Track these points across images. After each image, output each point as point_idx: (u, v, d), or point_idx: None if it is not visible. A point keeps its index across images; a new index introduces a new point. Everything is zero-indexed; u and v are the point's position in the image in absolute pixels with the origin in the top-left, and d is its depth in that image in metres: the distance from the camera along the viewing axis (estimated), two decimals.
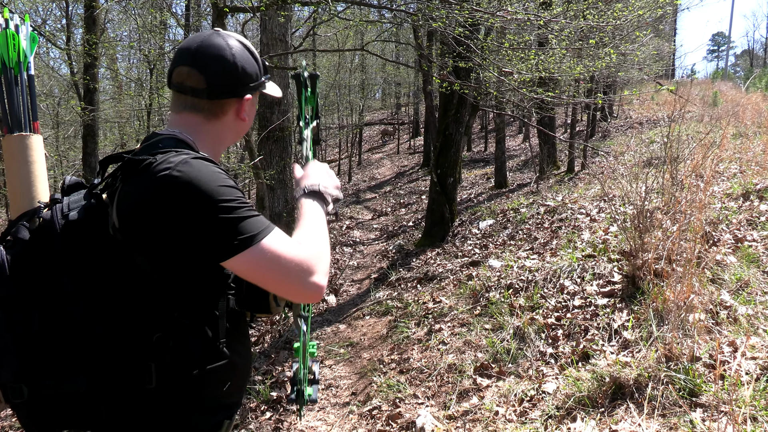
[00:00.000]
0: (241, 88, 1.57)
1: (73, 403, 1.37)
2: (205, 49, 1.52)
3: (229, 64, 1.53)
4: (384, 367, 5.05)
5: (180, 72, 1.52)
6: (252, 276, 1.36)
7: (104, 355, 1.36)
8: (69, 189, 1.52)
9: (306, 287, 1.36)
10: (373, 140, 36.08)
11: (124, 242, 1.35)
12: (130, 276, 1.37)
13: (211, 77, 1.51)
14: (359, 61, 26.20)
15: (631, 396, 3.23)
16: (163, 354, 1.38)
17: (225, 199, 1.33)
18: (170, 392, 1.41)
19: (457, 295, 5.99)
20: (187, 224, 1.32)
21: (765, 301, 3.84)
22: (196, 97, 1.53)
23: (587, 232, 6.29)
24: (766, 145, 8.75)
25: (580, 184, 11.06)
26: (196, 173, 1.34)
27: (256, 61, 1.62)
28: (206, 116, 1.56)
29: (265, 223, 1.37)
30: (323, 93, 23.73)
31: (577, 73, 7.92)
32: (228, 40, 1.55)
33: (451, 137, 9.54)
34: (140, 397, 1.38)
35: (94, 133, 10.30)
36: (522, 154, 19.47)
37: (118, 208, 1.34)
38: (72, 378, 1.35)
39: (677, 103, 8.69)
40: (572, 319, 4.42)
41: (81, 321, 1.35)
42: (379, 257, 10.11)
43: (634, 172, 5.99)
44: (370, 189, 20.70)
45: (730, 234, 5.10)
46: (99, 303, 1.36)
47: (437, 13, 6.48)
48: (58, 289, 1.37)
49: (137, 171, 1.36)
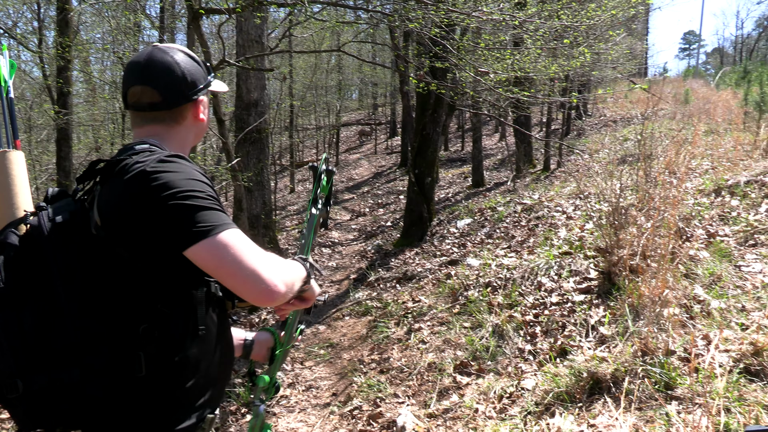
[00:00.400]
0: (192, 92, 1.66)
1: (66, 396, 1.42)
2: (152, 65, 1.62)
3: (177, 74, 1.63)
4: (364, 367, 5.06)
5: (134, 92, 1.62)
6: (208, 267, 1.41)
7: (96, 348, 1.42)
8: (53, 198, 1.59)
9: (257, 284, 1.40)
10: (351, 141, 36.04)
11: (106, 238, 1.43)
12: (116, 271, 1.45)
13: (164, 89, 1.61)
14: (336, 61, 26.18)
15: (608, 390, 3.28)
16: (149, 344, 1.45)
17: (191, 190, 1.41)
18: (158, 380, 1.47)
19: (436, 294, 6.03)
20: (155, 216, 1.39)
21: (737, 294, 3.92)
22: (156, 110, 1.63)
23: (564, 230, 6.36)
24: (736, 141, 8.92)
25: (556, 182, 11.17)
26: (167, 168, 1.43)
27: (199, 65, 1.72)
28: (168, 124, 1.66)
29: (228, 219, 1.44)
30: (300, 94, 23.66)
31: (552, 72, 7.99)
32: (171, 53, 1.65)
33: (428, 137, 9.57)
34: (131, 385, 1.45)
35: (68, 137, 10.18)
36: (498, 153, 19.59)
37: (98, 207, 1.44)
38: (66, 371, 1.40)
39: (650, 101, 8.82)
40: (550, 316, 4.47)
41: (73, 317, 1.42)
42: (358, 258, 10.12)
43: (609, 169, 6.08)
44: (348, 189, 20.68)
45: (703, 229, 5.19)
46: (89, 299, 1.43)
47: (413, 14, 6.50)
48: (49, 289, 1.43)
49: (114, 173, 1.46)
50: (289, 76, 20.90)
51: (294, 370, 5.44)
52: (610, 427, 2.99)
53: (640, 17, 19.93)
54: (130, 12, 12.99)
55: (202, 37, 6.73)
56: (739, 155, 7.91)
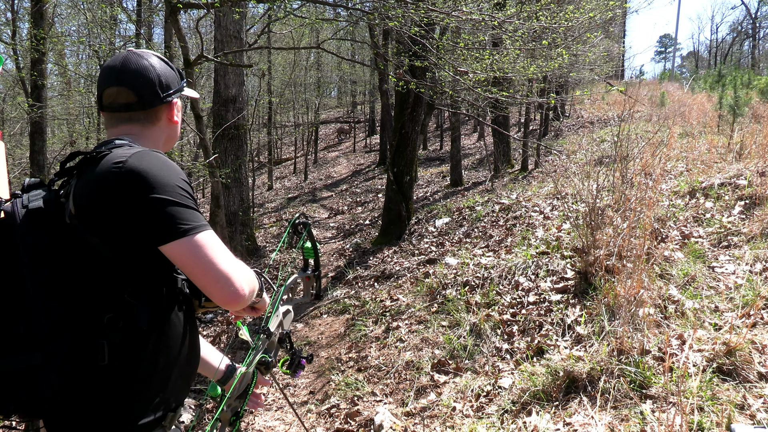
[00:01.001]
0: (167, 94, 1.71)
1: (25, 382, 1.42)
2: (127, 67, 1.66)
3: (152, 76, 1.68)
4: (342, 365, 5.05)
5: (109, 93, 1.65)
6: (183, 264, 1.45)
7: (58, 333, 1.43)
8: (29, 187, 1.60)
9: (227, 287, 1.45)
10: (329, 138, 35.99)
11: (79, 226, 1.44)
12: (84, 259, 1.47)
13: (139, 90, 1.65)
14: (315, 59, 26.12)
15: (584, 389, 3.31)
16: (113, 333, 1.47)
17: (171, 186, 1.45)
18: (120, 371, 1.49)
19: (414, 292, 6.03)
20: (134, 208, 1.42)
21: (710, 295, 3.98)
22: (131, 111, 1.66)
23: (541, 230, 6.41)
24: (711, 144, 9.04)
25: (533, 182, 11.24)
26: (147, 163, 1.45)
27: (172, 69, 1.78)
28: (143, 125, 1.69)
29: (204, 220, 1.50)
30: (279, 91, 23.55)
31: (530, 73, 8.05)
32: (145, 56, 1.71)
33: (407, 136, 9.58)
34: (92, 375, 1.46)
35: (42, 131, 10.04)
36: (477, 153, 19.68)
37: (74, 197, 1.46)
38: (27, 354, 1.41)
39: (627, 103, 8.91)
40: (527, 315, 4.50)
41: (37, 302, 1.43)
42: (336, 256, 10.10)
43: (586, 170, 6.14)
44: (326, 187, 20.64)
45: (678, 230, 5.26)
46: (54, 284, 1.45)
47: (393, 12, 6.50)
48: (15, 273, 1.44)
49: (92, 164, 1.48)
50: (268, 73, 20.80)
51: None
52: (586, 425, 3.02)
53: (617, 20, 20.14)
54: (106, 5, 12.84)
55: (179, 31, 6.67)
56: (713, 158, 8.03)
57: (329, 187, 20.66)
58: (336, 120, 39.45)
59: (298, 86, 25.83)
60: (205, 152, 7.33)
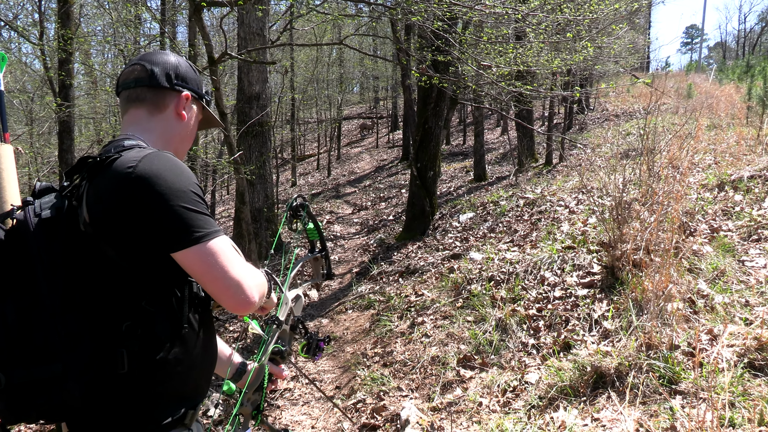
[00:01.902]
0: (179, 83, 1.72)
1: (46, 391, 1.42)
2: (151, 53, 1.74)
3: (170, 61, 1.72)
4: (367, 360, 5.07)
5: (125, 73, 1.70)
6: (194, 271, 1.45)
7: (77, 342, 1.42)
8: (40, 193, 1.58)
9: (238, 294, 1.46)
10: (352, 134, 36.03)
11: (94, 235, 1.42)
12: (101, 268, 1.46)
13: (152, 67, 1.68)
14: (337, 55, 26.16)
15: (612, 384, 3.28)
16: (132, 341, 1.46)
17: (182, 192, 1.44)
18: (140, 378, 1.48)
19: (439, 288, 6.03)
20: (147, 215, 1.40)
21: (740, 289, 3.92)
22: (139, 87, 1.67)
23: (566, 224, 6.36)
24: (739, 136, 8.90)
25: (558, 176, 11.16)
26: (158, 167, 1.43)
27: (194, 71, 1.80)
28: (149, 109, 1.68)
29: (216, 226, 1.49)
30: (301, 87, 23.63)
31: (555, 66, 7.98)
32: (168, 53, 1.76)
33: (430, 131, 9.56)
34: (112, 382, 1.45)
35: (70, 130, 10.16)
36: (500, 147, 19.58)
37: (87, 204, 1.43)
38: (46, 366, 1.41)
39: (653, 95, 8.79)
40: (553, 310, 4.47)
41: (55, 312, 1.42)
42: (360, 251, 10.12)
43: (612, 164, 6.07)
44: (349, 183, 20.68)
45: (706, 224, 5.19)
46: (71, 294, 1.44)
47: (416, 7, 6.48)
48: (32, 284, 1.44)
49: (102, 169, 1.46)
50: (291, 70, 20.88)
51: (297, 363, 5.46)
52: (614, 421, 3.00)
53: (643, 11, 19.87)
54: (131, 4, 12.97)
55: (203, 29, 6.72)
56: (742, 150, 7.90)
57: (352, 182, 20.70)
58: (359, 116, 39.47)
59: (320, 82, 25.87)
60: (230, 149, 7.38)
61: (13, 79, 14.62)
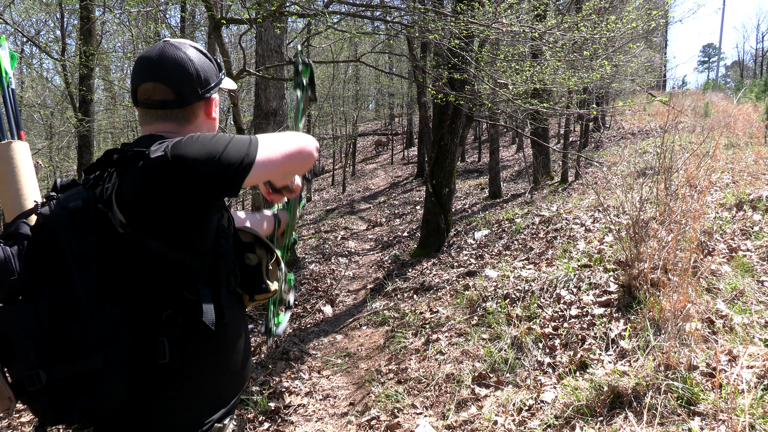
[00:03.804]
0: (205, 90, 1.65)
1: (90, 387, 1.40)
2: (165, 61, 1.58)
3: (191, 71, 1.61)
4: (382, 377, 5.05)
5: (145, 89, 1.59)
6: (269, 178, 1.63)
7: (116, 334, 1.41)
8: (63, 188, 1.57)
9: (309, 157, 1.62)
10: (367, 151, 36.17)
11: (134, 233, 1.42)
12: (139, 261, 1.46)
13: (176, 87, 1.58)
14: (353, 72, 26.32)
15: (629, 405, 3.25)
16: (173, 329, 1.47)
17: (212, 144, 1.43)
18: (182, 368, 1.49)
19: (454, 305, 6.01)
20: (196, 185, 1.40)
21: (760, 310, 3.88)
22: (167, 108, 1.60)
23: (582, 242, 6.33)
24: (757, 155, 8.84)
25: (574, 194, 11.12)
26: (185, 144, 1.42)
27: (211, 62, 1.70)
28: (180, 123, 1.63)
29: (248, 137, 1.50)
30: (318, 104, 23.76)
31: (572, 84, 7.98)
32: (183, 48, 1.63)
33: (446, 148, 9.58)
34: (156, 372, 1.46)
35: (90, 144, 10.31)
36: (515, 165, 19.55)
37: (119, 201, 1.41)
38: (89, 358, 1.39)
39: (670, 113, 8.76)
40: (569, 329, 4.44)
41: (90, 303, 1.40)
42: (375, 267, 10.12)
43: (629, 182, 6.04)
44: (364, 199, 20.72)
45: (725, 244, 5.14)
46: (105, 285, 1.42)
47: (433, 25, 6.53)
48: (64, 278, 1.41)
49: (132, 161, 1.43)
50: None
51: (311, 378, 5.45)
52: None
53: (660, 30, 19.86)
54: (151, 21, 13.16)
55: (223, 46, 6.80)
56: (761, 169, 7.84)
57: (367, 199, 20.73)
58: (374, 132, 39.63)
59: (336, 99, 26.01)
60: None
61: (34, 94, 14.84)
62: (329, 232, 14.77)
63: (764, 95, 15.25)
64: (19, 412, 5.61)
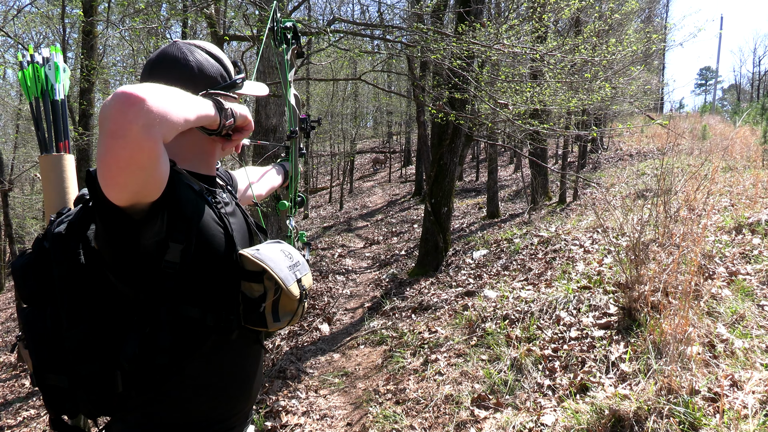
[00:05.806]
0: (202, 89, 1.52)
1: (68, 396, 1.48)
2: (162, 59, 1.53)
3: (186, 68, 1.53)
4: (379, 397, 5.01)
5: None
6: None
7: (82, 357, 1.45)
8: (76, 201, 1.60)
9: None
10: (365, 168, 36.23)
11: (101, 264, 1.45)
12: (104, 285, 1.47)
13: (171, 83, 1.40)
14: (352, 89, 26.44)
15: (630, 429, 3.22)
16: (135, 360, 1.45)
17: None
18: (136, 402, 1.50)
19: (453, 325, 5.98)
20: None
21: (761, 334, 3.86)
22: None
23: (582, 264, 6.32)
24: (756, 178, 8.86)
25: (572, 215, 11.13)
26: None
27: (220, 63, 1.60)
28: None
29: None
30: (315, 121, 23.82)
31: (572, 105, 8.02)
32: (187, 50, 1.56)
33: (445, 167, 9.60)
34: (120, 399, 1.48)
35: (89, 157, 10.31)
36: (513, 184, 19.59)
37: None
38: (59, 375, 1.46)
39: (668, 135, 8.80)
40: (569, 351, 4.42)
41: (69, 323, 1.45)
42: (372, 286, 10.09)
43: (628, 204, 6.05)
44: (361, 217, 20.71)
45: (724, 267, 5.14)
46: (79, 309, 1.45)
47: (435, 46, 6.57)
48: (51, 296, 1.49)
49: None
50: (306, 103, 21.11)
51: (308, 398, 5.40)
52: None
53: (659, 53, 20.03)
54: (152, 36, 13.22)
55: None
56: (759, 193, 7.86)
57: (365, 216, 20.73)
58: (372, 150, 39.74)
59: (335, 116, 26.13)
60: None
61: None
62: (326, 249, 14.75)
63: (761, 119, 15.35)
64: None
